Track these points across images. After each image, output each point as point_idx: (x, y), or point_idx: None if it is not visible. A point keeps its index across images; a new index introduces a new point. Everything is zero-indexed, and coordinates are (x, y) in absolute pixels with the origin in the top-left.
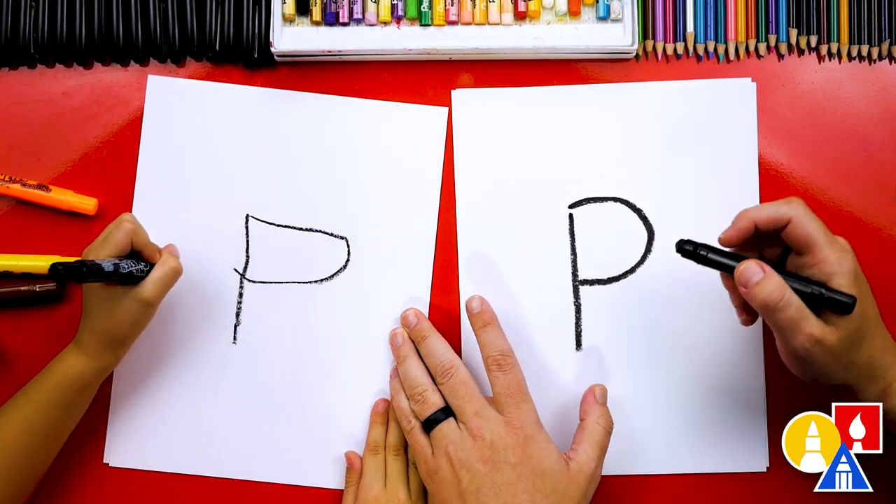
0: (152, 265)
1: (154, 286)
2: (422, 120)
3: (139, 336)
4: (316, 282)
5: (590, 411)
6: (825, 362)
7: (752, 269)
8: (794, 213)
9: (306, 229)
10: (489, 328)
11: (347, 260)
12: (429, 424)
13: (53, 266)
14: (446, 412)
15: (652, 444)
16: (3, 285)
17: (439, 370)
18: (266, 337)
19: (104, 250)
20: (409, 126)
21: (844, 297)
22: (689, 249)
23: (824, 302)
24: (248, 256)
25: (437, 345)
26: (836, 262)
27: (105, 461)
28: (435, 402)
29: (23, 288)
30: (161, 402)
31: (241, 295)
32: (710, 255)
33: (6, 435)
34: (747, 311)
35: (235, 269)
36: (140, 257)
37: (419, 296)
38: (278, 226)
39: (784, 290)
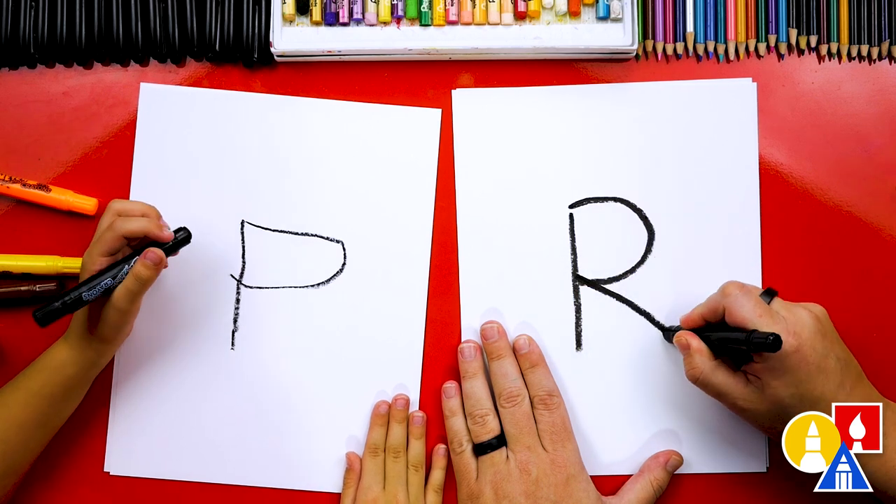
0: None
1: (122, 296)
2: (415, 122)
3: (126, 338)
4: (312, 286)
5: (652, 469)
6: (761, 428)
7: (681, 345)
8: (726, 301)
9: (302, 234)
10: (536, 369)
11: (344, 263)
12: (481, 449)
13: (34, 314)
14: (500, 440)
15: (652, 445)
16: (3, 285)
17: (506, 394)
18: (264, 342)
19: (97, 249)
20: (402, 128)
21: (765, 337)
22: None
23: (752, 346)
24: (244, 262)
25: (511, 369)
26: (774, 329)
27: (105, 469)
28: (493, 428)
29: (23, 288)
30: (160, 410)
31: (238, 301)
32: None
33: None
34: None
35: (232, 275)
36: (146, 243)
37: (416, 297)
38: (274, 231)
39: (700, 372)
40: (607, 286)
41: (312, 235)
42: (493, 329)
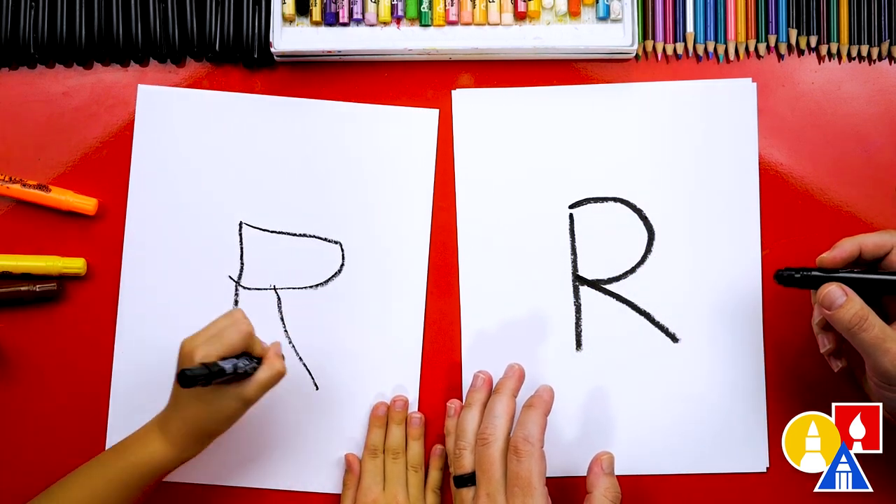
0: (258, 361)
1: (258, 387)
2: (413, 122)
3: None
4: (311, 287)
5: (596, 483)
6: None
7: (835, 293)
8: None
9: (300, 235)
10: (530, 410)
11: (342, 264)
12: (459, 480)
13: (182, 373)
14: (474, 477)
15: (652, 445)
16: (3, 285)
17: (481, 434)
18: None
19: (215, 347)
20: (400, 128)
21: None
22: (786, 276)
23: None
24: (242, 263)
25: (500, 408)
26: None
27: None
28: (465, 465)
29: (23, 288)
30: (160, 410)
31: (236, 302)
32: (803, 275)
33: None
34: (826, 334)
35: (230, 277)
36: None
37: (415, 298)
38: (272, 232)
39: (867, 312)
40: (607, 286)
41: (310, 236)
42: (515, 369)
